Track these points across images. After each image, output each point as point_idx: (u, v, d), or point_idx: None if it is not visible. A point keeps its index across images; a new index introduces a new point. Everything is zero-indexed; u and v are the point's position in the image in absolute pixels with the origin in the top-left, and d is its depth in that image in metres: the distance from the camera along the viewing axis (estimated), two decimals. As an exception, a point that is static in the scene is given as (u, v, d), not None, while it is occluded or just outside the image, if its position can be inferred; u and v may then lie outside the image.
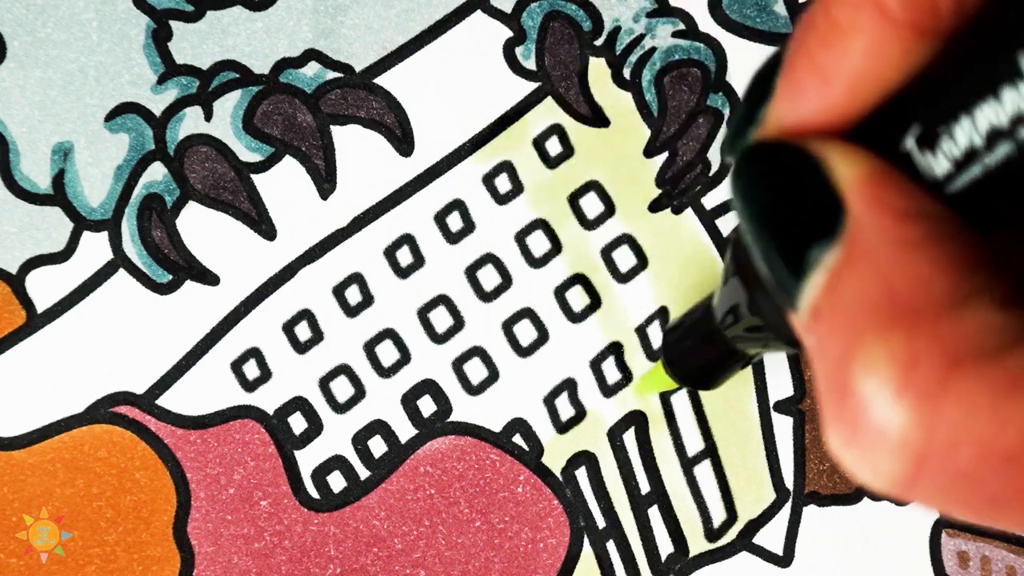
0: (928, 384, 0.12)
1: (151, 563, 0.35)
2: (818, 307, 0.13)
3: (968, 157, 0.13)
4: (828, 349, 0.13)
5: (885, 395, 0.12)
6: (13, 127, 0.35)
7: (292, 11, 0.36)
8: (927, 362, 0.12)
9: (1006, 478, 0.12)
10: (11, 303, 0.35)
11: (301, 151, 0.36)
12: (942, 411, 0.12)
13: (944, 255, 0.13)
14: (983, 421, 0.12)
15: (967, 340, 0.12)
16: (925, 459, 0.12)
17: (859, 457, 0.13)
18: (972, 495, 0.12)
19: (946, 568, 0.38)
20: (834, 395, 0.13)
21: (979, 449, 0.12)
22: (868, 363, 0.12)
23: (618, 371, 0.37)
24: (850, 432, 0.13)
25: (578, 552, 0.36)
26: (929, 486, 0.12)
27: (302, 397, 0.36)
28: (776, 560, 0.37)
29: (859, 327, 0.13)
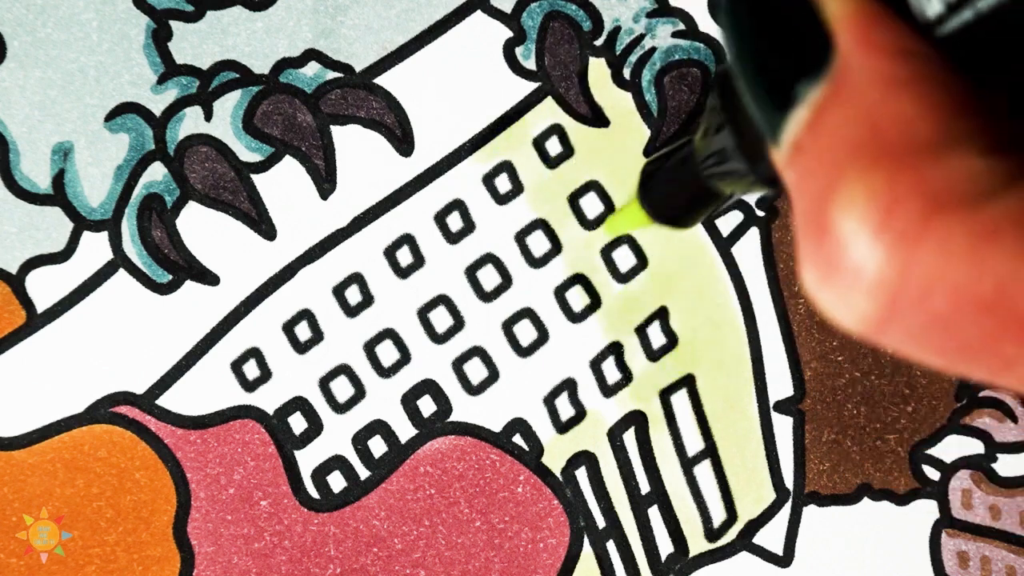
0: (907, 225, 0.12)
1: (151, 563, 0.35)
2: (801, 142, 0.13)
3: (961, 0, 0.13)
4: (808, 186, 0.13)
5: (863, 233, 0.12)
6: (13, 127, 0.35)
7: (292, 11, 0.36)
8: (907, 203, 0.12)
9: (979, 325, 0.12)
10: (11, 303, 0.35)
11: (301, 151, 0.36)
12: (919, 254, 0.12)
13: (931, 96, 0.12)
14: (960, 266, 0.12)
15: (949, 184, 0.12)
16: (899, 300, 0.12)
17: (834, 295, 0.13)
18: (944, 341, 0.12)
19: (946, 568, 0.38)
20: (812, 232, 0.13)
21: (954, 294, 0.12)
22: (848, 201, 0.12)
23: (618, 371, 0.37)
24: (826, 270, 0.13)
25: (578, 552, 0.36)
26: (902, 328, 0.12)
27: (302, 397, 0.36)
28: (776, 560, 0.37)
29: (841, 164, 0.13)
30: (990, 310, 0.12)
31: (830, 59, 0.13)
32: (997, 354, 0.12)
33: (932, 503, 0.38)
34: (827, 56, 0.13)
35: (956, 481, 0.38)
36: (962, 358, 0.12)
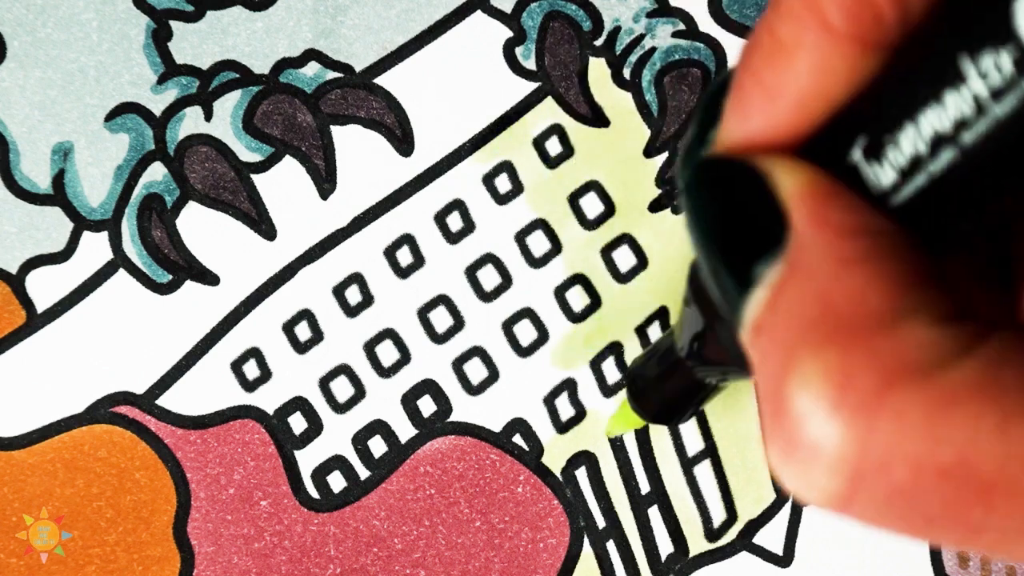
0: (862, 400, 0.12)
1: (151, 563, 0.35)
2: (760, 323, 0.13)
3: (913, 165, 0.13)
4: (768, 365, 0.13)
5: (819, 411, 0.12)
6: (13, 127, 0.35)
7: (292, 11, 0.36)
8: (861, 378, 0.12)
9: (941, 495, 0.12)
10: (11, 303, 0.35)
11: (301, 151, 0.36)
12: (876, 427, 0.12)
13: (883, 272, 0.13)
14: (917, 438, 0.12)
15: (902, 356, 0.12)
16: (860, 475, 0.12)
17: (796, 473, 0.13)
18: (908, 512, 0.12)
19: (946, 568, 0.38)
20: (772, 411, 0.13)
21: (914, 466, 0.12)
22: (802, 379, 0.12)
23: (618, 371, 0.37)
24: (787, 448, 0.13)
25: (578, 552, 0.36)
26: (865, 502, 0.12)
27: (302, 397, 0.36)
28: (776, 560, 0.37)
29: (796, 343, 0.13)
30: (951, 478, 0.12)
31: (785, 238, 0.13)
32: (963, 521, 0.12)
33: (932, 503, 0.38)
34: (782, 234, 0.13)
35: (956, 481, 0.38)
36: (930, 527, 0.12)
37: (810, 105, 0.14)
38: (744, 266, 0.14)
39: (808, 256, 0.13)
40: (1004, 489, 0.11)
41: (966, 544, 0.12)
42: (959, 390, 0.12)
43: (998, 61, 0.11)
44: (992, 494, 0.12)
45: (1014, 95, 0.11)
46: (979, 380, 0.12)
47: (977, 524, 0.12)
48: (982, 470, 0.11)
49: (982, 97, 0.12)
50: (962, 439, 0.11)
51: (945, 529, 0.12)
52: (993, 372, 0.12)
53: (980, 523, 0.12)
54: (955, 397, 0.12)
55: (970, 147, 0.12)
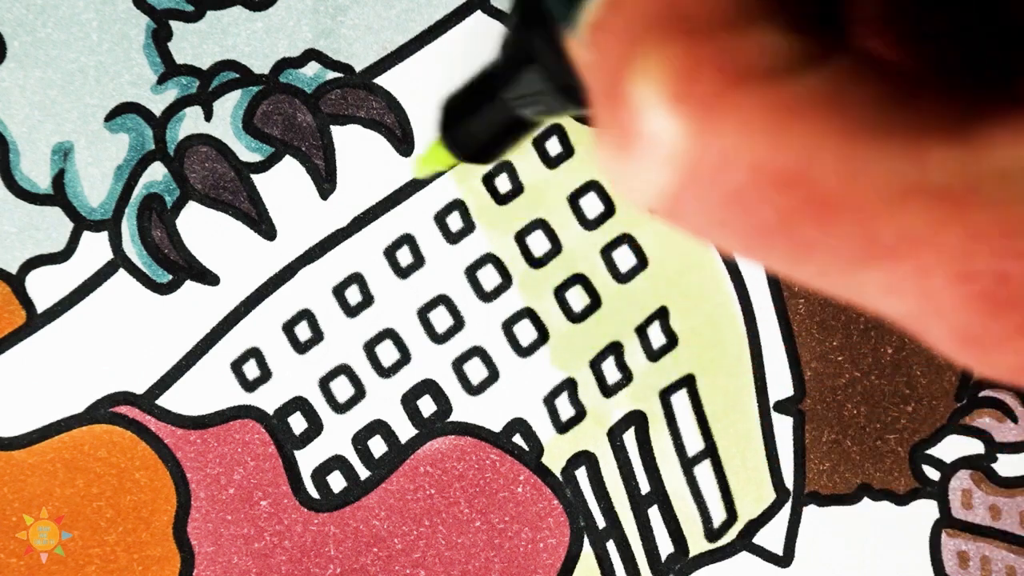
0: (705, 97, 0.11)
1: (151, 563, 0.35)
2: (600, 21, 0.13)
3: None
4: (605, 62, 0.13)
5: (658, 102, 0.12)
6: (13, 127, 0.35)
7: (292, 11, 0.36)
8: (706, 74, 0.12)
9: (777, 203, 0.11)
10: (11, 303, 0.35)
11: (301, 151, 0.36)
12: (717, 126, 0.11)
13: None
14: (758, 142, 0.11)
15: (749, 58, 0.12)
16: (695, 174, 0.12)
17: (628, 169, 0.12)
18: (742, 220, 0.12)
19: (946, 568, 0.38)
20: (606, 104, 0.12)
21: (751, 169, 0.11)
22: (644, 69, 0.12)
23: (618, 371, 0.37)
24: (621, 142, 0.12)
25: (578, 552, 0.36)
26: (698, 204, 0.12)
27: (302, 397, 0.36)
28: (776, 560, 0.37)
29: (638, 36, 0.12)
30: (788, 187, 0.11)
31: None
32: (795, 237, 0.12)
33: (932, 503, 0.38)
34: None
35: (956, 481, 0.38)
36: (760, 241, 0.12)
37: None
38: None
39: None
40: (840, 208, 0.11)
41: (794, 265, 0.12)
42: (804, 100, 0.11)
43: None
44: (827, 211, 0.11)
45: None
46: (824, 93, 0.11)
47: (808, 243, 0.12)
48: (821, 184, 0.11)
49: None
50: (803, 149, 0.11)
51: (775, 243, 0.12)
52: (838, 88, 0.11)
53: (811, 242, 0.12)
54: (799, 106, 0.11)
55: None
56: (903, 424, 0.38)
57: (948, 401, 0.38)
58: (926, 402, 0.38)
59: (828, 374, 0.37)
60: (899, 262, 0.11)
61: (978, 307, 0.11)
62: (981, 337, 0.12)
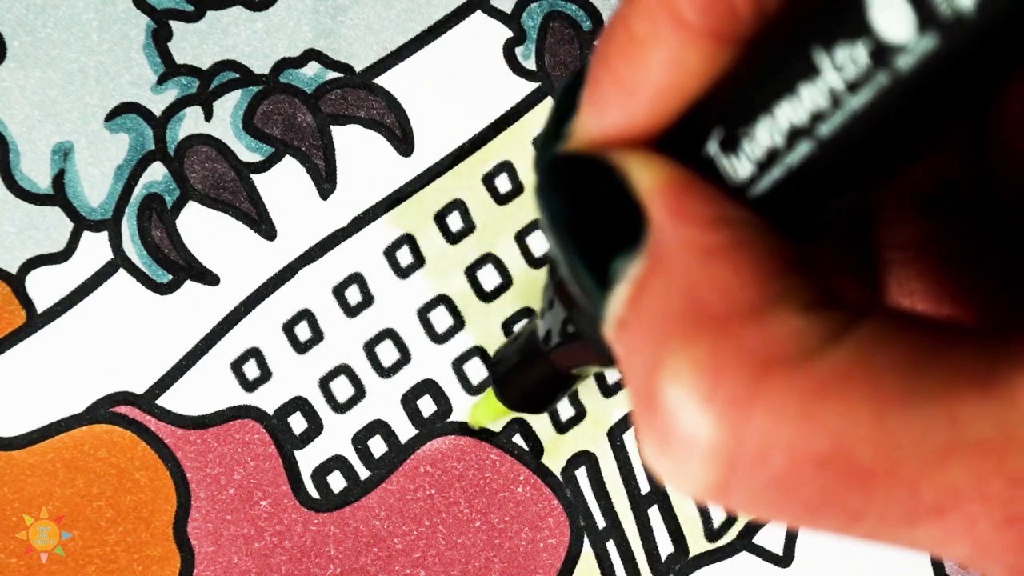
0: (735, 391, 0.12)
1: (151, 563, 0.35)
2: (624, 319, 0.13)
3: (770, 158, 0.13)
4: (636, 361, 0.13)
5: (691, 404, 0.12)
6: (13, 127, 0.35)
7: (292, 11, 0.36)
8: (733, 369, 0.12)
9: (818, 483, 0.12)
10: (11, 303, 0.35)
11: (301, 151, 0.36)
12: (751, 418, 0.12)
13: (746, 261, 0.13)
14: (792, 427, 0.12)
15: (772, 346, 0.12)
16: (736, 467, 0.12)
17: (672, 467, 0.13)
18: (787, 501, 0.12)
19: (946, 568, 0.38)
20: (644, 406, 0.13)
21: (790, 455, 0.12)
22: (673, 372, 0.12)
23: (618, 371, 0.37)
24: (661, 443, 0.13)
25: (578, 552, 0.36)
26: (744, 493, 0.12)
27: (302, 397, 0.36)
28: (776, 560, 0.37)
29: (663, 337, 0.12)
30: (828, 467, 0.12)
31: (644, 233, 0.13)
32: (842, 509, 0.12)
33: (932, 503, 0.38)
34: (640, 229, 0.13)
35: (956, 481, 0.38)
36: (809, 515, 0.12)
37: (666, 100, 0.13)
38: (602, 262, 0.14)
39: (668, 249, 0.13)
40: (881, 476, 0.11)
41: (847, 531, 0.12)
42: (831, 378, 0.12)
43: (853, 54, 0.11)
44: (870, 481, 0.12)
45: (870, 87, 0.11)
46: (851, 367, 0.12)
47: (856, 511, 0.12)
48: (859, 458, 0.11)
49: (837, 90, 0.12)
50: (837, 427, 0.11)
51: (824, 516, 0.12)
52: (865, 359, 0.12)
53: (859, 510, 0.12)
54: (828, 385, 0.12)
55: (827, 139, 0.12)
56: (903, 424, 0.37)
57: (948, 401, 0.38)
58: (926, 402, 0.38)
59: (828, 374, 0.37)
60: (945, 517, 0.12)
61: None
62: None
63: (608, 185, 0.14)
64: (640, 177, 0.13)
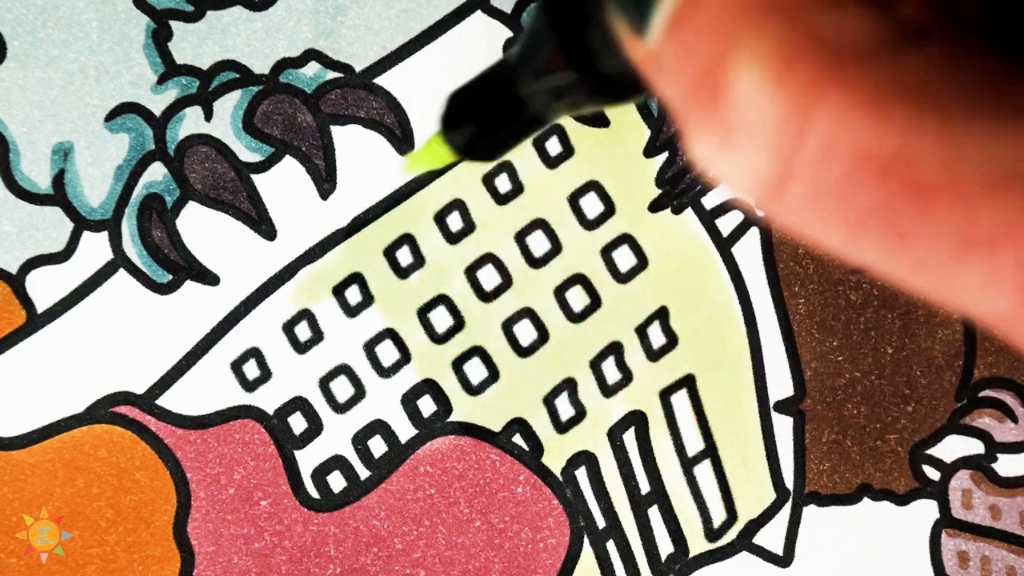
0: (806, 81, 0.11)
1: (151, 563, 0.35)
2: (680, 15, 0.13)
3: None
4: (695, 57, 0.12)
5: (761, 91, 0.12)
6: (13, 127, 0.35)
7: (292, 11, 0.36)
8: (804, 59, 0.12)
9: (876, 191, 0.11)
10: (11, 303, 0.35)
11: (301, 151, 0.36)
12: (820, 108, 0.11)
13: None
14: (860, 124, 0.11)
15: (845, 39, 0.12)
16: (800, 160, 0.12)
17: (733, 160, 0.12)
18: (843, 206, 0.12)
19: (946, 568, 0.38)
20: (704, 101, 0.12)
21: (853, 155, 0.11)
22: (744, 61, 0.12)
23: (618, 371, 0.37)
24: (723, 134, 0.12)
25: (578, 552, 0.36)
26: (801, 192, 0.12)
27: (302, 397, 0.36)
28: (776, 560, 0.37)
29: (731, 27, 0.12)
30: (890, 174, 0.11)
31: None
32: (894, 226, 0.12)
33: (932, 503, 0.38)
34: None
35: (956, 481, 0.38)
36: (859, 230, 0.12)
37: None
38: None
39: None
40: (941, 194, 0.11)
41: (893, 256, 0.12)
42: (903, 83, 0.11)
43: None
44: (929, 198, 0.11)
45: None
46: (923, 76, 0.11)
47: (908, 232, 0.12)
48: (922, 169, 0.11)
49: None
50: (905, 132, 0.11)
51: (875, 233, 0.12)
52: (937, 71, 0.11)
53: (911, 231, 0.12)
54: (900, 87, 0.11)
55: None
56: (903, 424, 0.38)
57: (948, 401, 0.38)
58: (926, 402, 0.38)
59: (828, 374, 0.37)
60: (997, 251, 0.11)
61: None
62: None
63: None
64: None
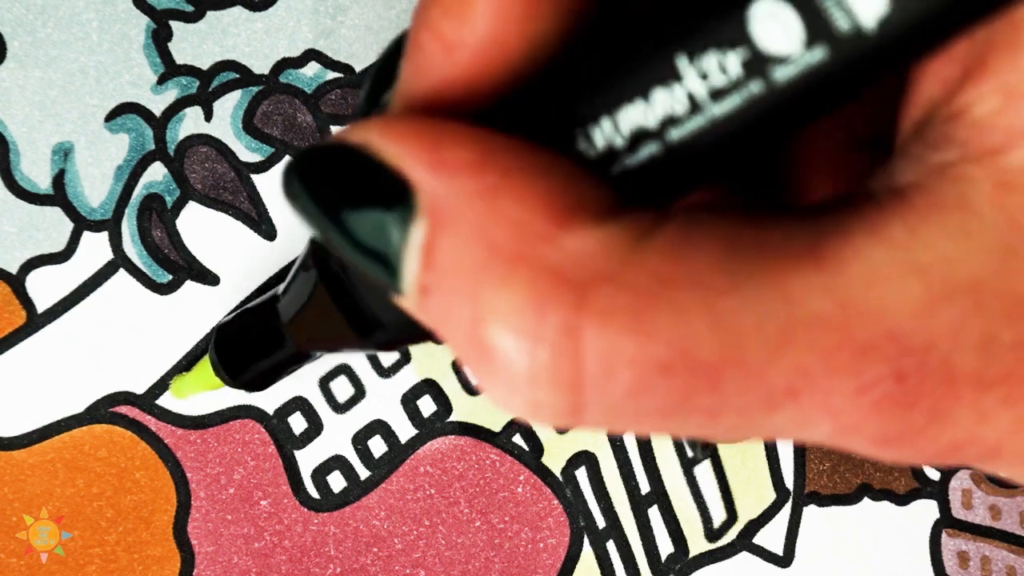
0: (562, 320, 0.12)
1: (151, 563, 0.35)
2: (425, 285, 0.13)
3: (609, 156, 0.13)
4: (452, 321, 0.13)
5: (523, 344, 0.12)
6: (13, 127, 0.35)
7: (292, 11, 0.36)
8: (553, 298, 0.12)
9: (668, 388, 0.11)
10: (11, 303, 0.35)
11: (301, 151, 0.36)
12: (585, 342, 0.12)
13: (525, 190, 0.12)
14: (628, 340, 0.11)
15: (580, 265, 0.12)
16: (585, 389, 0.12)
17: (524, 408, 0.12)
18: (643, 411, 0.12)
19: (946, 568, 0.38)
20: (477, 360, 0.12)
21: (634, 367, 0.11)
22: (495, 321, 0.12)
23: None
24: (506, 387, 0.12)
25: (578, 552, 0.36)
26: (599, 411, 0.12)
27: (302, 397, 0.36)
28: (776, 560, 0.37)
29: (474, 289, 0.12)
30: (673, 370, 0.11)
31: (411, 197, 0.13)
32: (698, 409, 0.12)
33: (932, 503, 0.38)
34: (406, 195, 0.13)
35: (956, 481, 0.38)
36: (668, 421, 0.12)
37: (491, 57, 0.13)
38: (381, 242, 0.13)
39: (443, 203, 0.12)
40: (728, 369, 0.11)
41: (711, 431, 0.12)
42: (651, 280, 0.11)
43: (723, 62, 0.11)
44: (718, 377, 0.11)
45: (738, 95, 0.11)
46: (668, 265, 0.11)
47: (712, 409, 0.12)
48: (701, 355, 0.11)
49: (699, 97, 0.11)
50: (671, 331, 0.11)
51: (683, 420, 0.12)
52: (680, 253, 0.11)
53: (715, 408, 0.12)
54: (650, 288, 0.11)
55: (676, 143, 0.12)
56: (903, 424, 0.37)
57: (948, 401, 0.38)
58: (926, 402, 0.38)
59: (828, 374, 0.37)
60: (800, 398, 0.11)
61: (885, 411, 0.11)
62: (899, 435, 0.12)
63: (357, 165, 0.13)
64: (386, 146, 0.13)
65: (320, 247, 0.19)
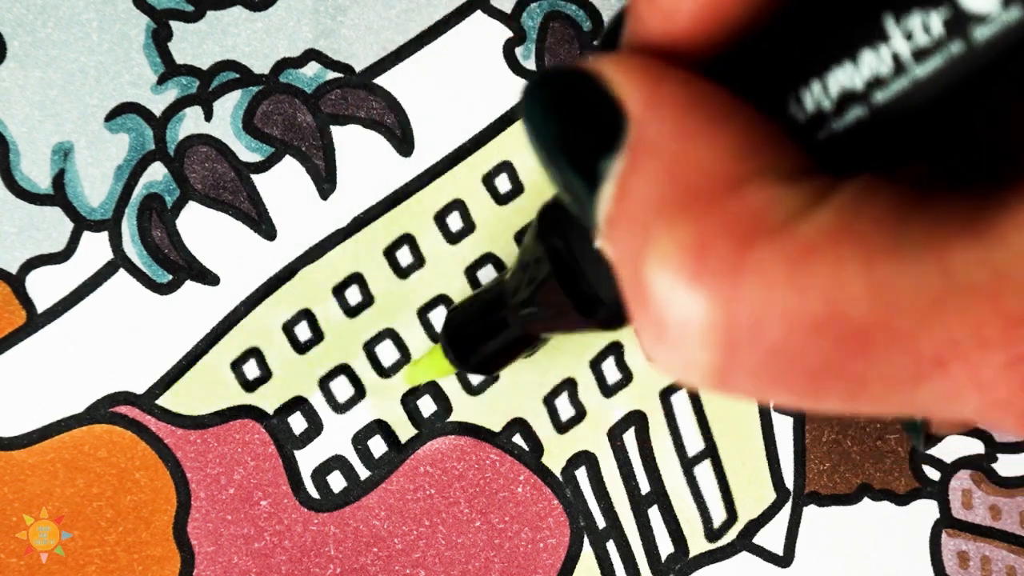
0: (722, 266, 0.12)
1: (151, 563, 0.35)
2: (612, 215, 0.13)
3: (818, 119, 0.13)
4: (625, 255, 0.13)
5: (680, 285, 0.12)
6: (13, 127, 0.35)
7: (292, 11, 0.36)
8: (717, 243, 0.12)
9: (817, 349, 0.11)
10: (11, 303, 0.35)
11: (301, 151, 0.36)
12: (741, 290, 0.12)
13: (724, 137, 0.12)
14: (784, 293, 0.11)
15: (755, 215, 0.12)
16: (734, 342, 0.12)
17: (671, 356, 0.12)
18: (790, 373, 0.12)
19: (946, 568, 0.38)
20: (636, 300, 0.13)
21: (785, 322, 0.11)
22: (658, 257, 0.12)
23: (618, 371, 0.37)
24: (657, 332, 0.12)
25: (578, 552, 0.36)
26: (745, 370, 0.12)
27: (302, 397, 0.36)
28: (776, 560, 0.37)
29: (648, 224, 0.12)
30: (826, 330, 0.11)
31: (624, 127, 0.13)
32: (844, 375, 0.12)
33: (932, 503, 0.38)
34: (620, 125, 0.13)
35: (956, 481, 0.38)
36: (813, 387, 0.12)
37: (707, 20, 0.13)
38: (589, 165, 0.14)
39: (648, 137, 0.13)
40: (879, 333, 0.11)
41: (855, 401, 0.12)
42: (817, 239, 0.11)
43: (927, 21, 0.11)
44: (868, 340, 0.11)
45: (939, 56, 0.11)
46: (836, 226, 0.11)
47: (859, 376, 0.12)
48: (854, 317, 0.11)
49: (904, 57, 0.12)
50: (829, 287, 0.11)
51: (829, 386, 0.12)
52: (849, 217, 0.12)
53: (862, 374, 0.12)
54: (815, 246, 0.11)
55: (881, 106, 0.12)
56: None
57: (948, 401, 0.38)
58: (926, 402, 0.38)
59: (828, 374, 0.37)
60: (948, 369, 0.11)
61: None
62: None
63: (585, 90, 0.14)
64: (615, 76, 0.13)
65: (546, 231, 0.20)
